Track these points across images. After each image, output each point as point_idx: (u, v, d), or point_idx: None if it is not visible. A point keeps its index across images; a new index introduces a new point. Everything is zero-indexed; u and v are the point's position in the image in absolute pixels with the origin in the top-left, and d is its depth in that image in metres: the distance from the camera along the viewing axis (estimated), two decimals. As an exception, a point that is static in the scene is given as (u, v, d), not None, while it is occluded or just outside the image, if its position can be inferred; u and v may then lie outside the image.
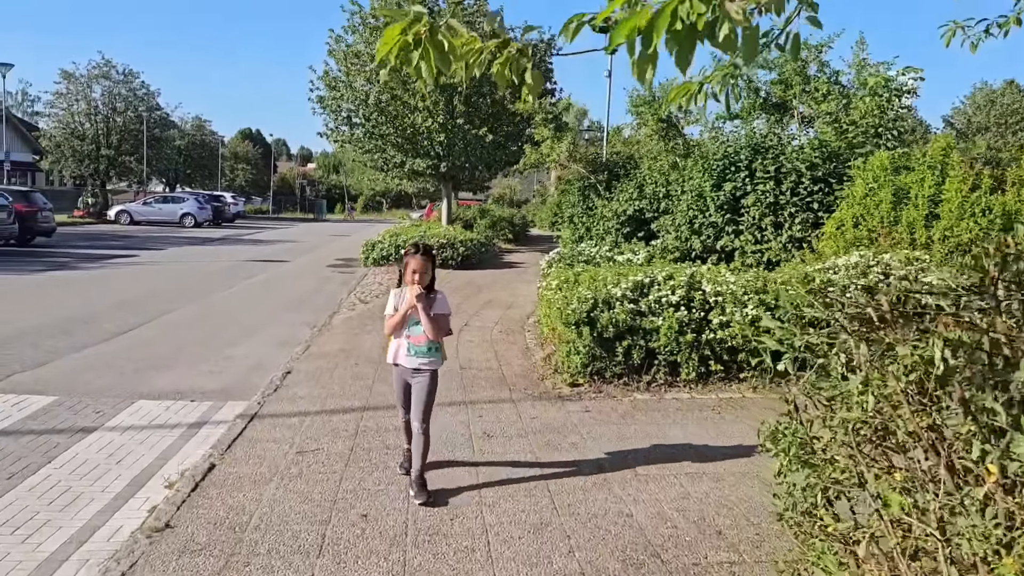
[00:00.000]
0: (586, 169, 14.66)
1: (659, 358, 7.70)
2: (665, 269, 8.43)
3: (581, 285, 8.39)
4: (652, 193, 13.08)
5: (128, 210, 39.33)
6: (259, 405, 6.89)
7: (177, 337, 10.23)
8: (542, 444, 6.01)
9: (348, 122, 22.06)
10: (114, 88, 47.70)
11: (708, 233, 11.51)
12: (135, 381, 7.83)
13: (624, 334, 7.66)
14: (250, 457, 5.57)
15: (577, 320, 7.61)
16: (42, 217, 23.86)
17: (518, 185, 54.72)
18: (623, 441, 6.16)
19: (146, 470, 5.45)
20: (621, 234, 13.19)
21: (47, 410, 6.74)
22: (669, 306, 7.78)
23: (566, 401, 7.27)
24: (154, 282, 16.21)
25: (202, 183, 57.83)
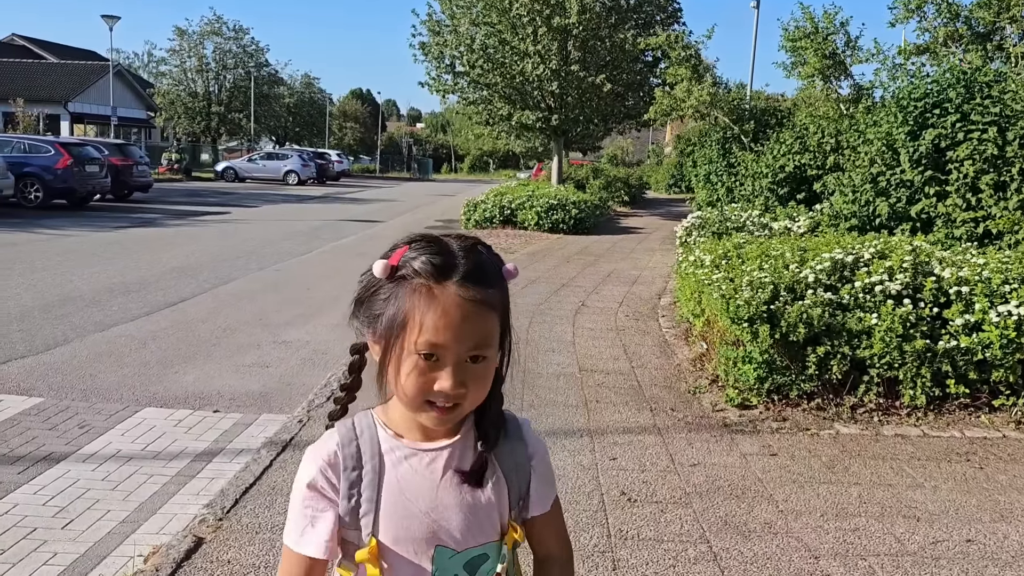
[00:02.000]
0: (729, 117, 12.08)
1: (870, 373, 5.30)
2: (873, 243, 5.96)
3: (750, 263, 6.02)
4: (817, 145, 10.44)
5: (233, 167, 38.72)
6: (300, 424, 4.91)
7: (229, 313, 8.42)
8: (716, 523, 3.77)
9: (451, 70, 20.00)
10: (224, 44, 47.36)
11: (899, 195, 8.85)
12: (154, 377, 5.99)
13: (819, 337, 5.29)
14: (259, 528, 3.57)
15: (751, 315, 5.27)
16: (138, 171, 22.93)
17: (631, 145, 51.62)
18: (846, 519, 3.85)
19: (94, 549, 3.50)
20: (775, 195, 10.64)
21: (15, 421, 4.93)
22: (887, 297, 5.34)
23: (736, 433, 4.99)
24: (231, 243, 14.66)
25: (310, 141, 57.23)
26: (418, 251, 1.15)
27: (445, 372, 1.12)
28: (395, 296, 1.13)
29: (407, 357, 1.12)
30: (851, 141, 9.88)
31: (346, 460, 1.22)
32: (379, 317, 1.16)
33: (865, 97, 11.59)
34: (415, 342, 1.11)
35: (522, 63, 18.50)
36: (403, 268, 1.14)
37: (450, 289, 1.12)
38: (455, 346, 1.11)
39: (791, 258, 5.89)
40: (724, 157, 12.30)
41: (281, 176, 37.74)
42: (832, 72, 11.63)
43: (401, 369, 1.14)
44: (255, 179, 37.81)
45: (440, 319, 1.10)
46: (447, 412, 1.17)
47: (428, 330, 1.10)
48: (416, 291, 1.12)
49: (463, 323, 1.11)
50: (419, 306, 1.11)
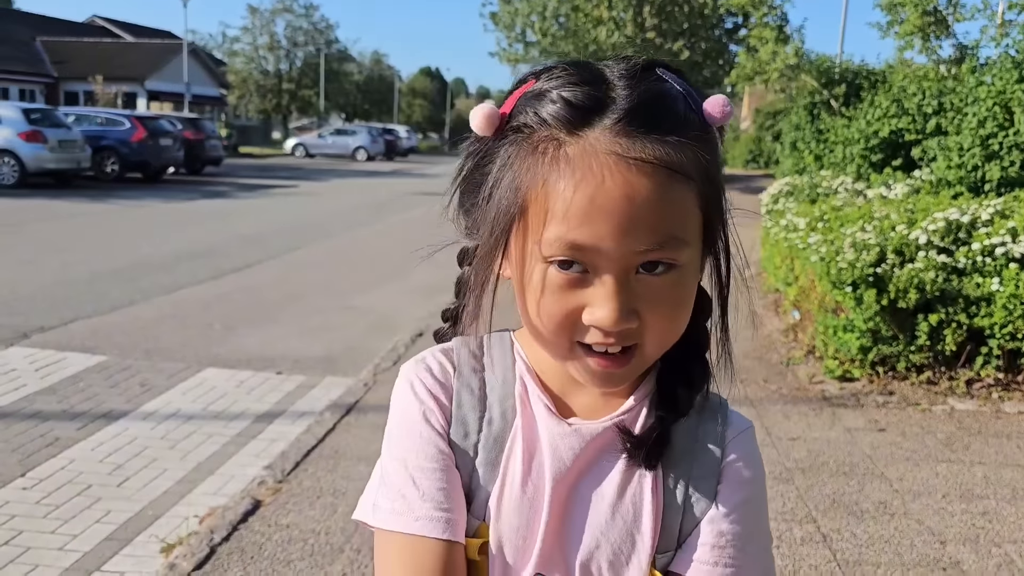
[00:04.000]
0: (817, 81, 11.39)
1: (990, 344, 4.76)
2: (993, 203, 5.38)
3: (851, 224, 5.51)
4: (916, 108, 9.72)
5: (304, 143, 39.02)
6: (365, 388, 4.64)
7: (295, 279, 8.24)
8: (824, 501, 3.36)
9: (522, 39, 19.54)
10: (295, 22, 47.76)
11: (1012, 158, 8.14)
12: (217, 339, 5.81)
13: (932, 304, 4.77)
14: (320, 492, 3.30)
15: (855, 279, 4.78)
16: (210, 145, 23.14)
17: (705, 122, 50.28)
18: (973, 501, 3.39)
19: (148, 509, 3.28)
20: (868, 162, 9.96)
21: (78, 378, 4.78)
22: (1009, 261, 4.79)
23: (837, 407, 4.53)
24: (299, 214, 14.60)
25: (379, 118, 57.46)
26: (553, 80, 0.68)
27: (600, 291, 0.66)
28: (506, 165, 0.68)
29: (532, 266, 0.67)
30: (956, 103, 9.16)
31: (462, 395, 0.77)
32: (485, 201, 0.70)
33: (969, 57, 10.78)
34: (542, 241, 0.65)
35: (596, 31, 17.93)
36: (518, 115, 0.68)
37: (595, 141, 0.64)
38: (615, 246, 0.64)
39: (898, 219, 5.36)
40: (812, 123, 11.61)
41: (350, 152, 37.86)
42: (933, 30, 10.84)
43: (526, 288, 0.69)
44: (325, 155, 38.04)
45: (583, 199, 0.63)
46: (614, 362, 0.69)
47: (562, 219, 0.64)
48: (539, 152, 0.66)
49: (624, 202, 0.63)
50: (545, 177, 0.65)
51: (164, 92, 38.77)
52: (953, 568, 2.86)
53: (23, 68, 36.14)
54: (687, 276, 0.69)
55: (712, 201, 0.69)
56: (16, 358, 5.09)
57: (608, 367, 0.69)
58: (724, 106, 0.69)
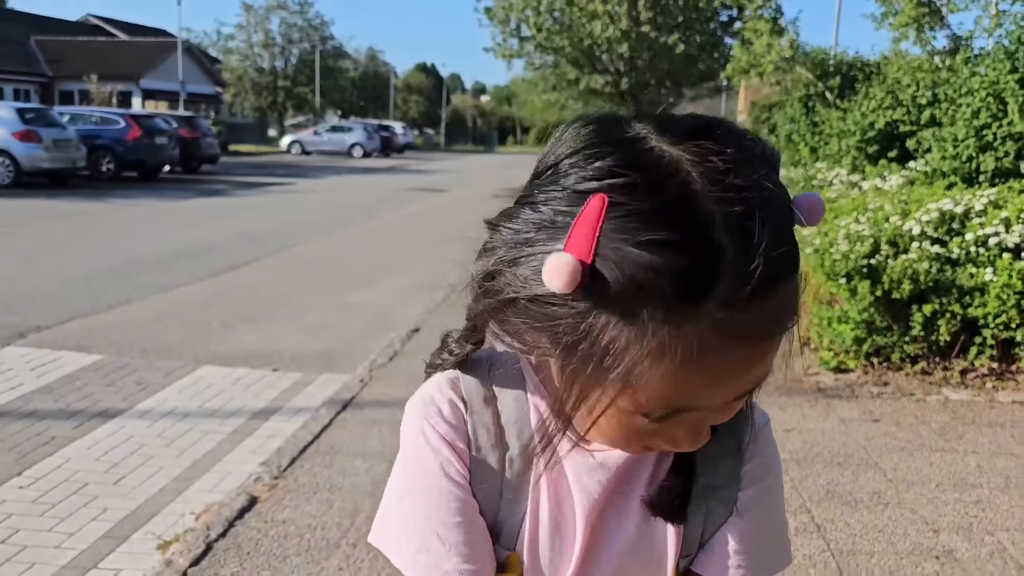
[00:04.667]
0: (813, 73, 11.38)
1: (983, 334, 4.78)
2: (986, 193, 5.40)
3: (845, 216, 5.53)
4: (911, 99, 9.71)
5: (300, 140, 39.02)
6: (361, 384, 4.65)
7: (292, 277, 8.24)
8: (818, 492, 3.37)
9: (517, 34, 19.52)
10: (290, 18, 47.68)
11: (1006, 149, 8.14)
12: (214, 336, 5.81)
13: (926, 294, 4.78)
14: (316, 488, 3.31)
15: (849, 271, 4.80)
16: (205, 144, 23.11)
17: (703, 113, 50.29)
18: (966, 490, 3.41)
19: (144, 507, 3.29)
20: (864, 154, 9.95)
21: (74, 377, 4.79)
22: (1003, 251, 4.80)
23: (832, 398, 4.55)
24: (296, 211, 14.62)
25: (375, 114, 57.39)
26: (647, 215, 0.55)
27: (686, 429, 0.63)
28: (601, 324, 0.57)
29: (611, 399, 0.60)
30: (950, 94, 9.16)
31: (479, 434, 0.73)
32: (562, 339, 0.59)
33: (963, 48, 10.78)
34: (641, 402, 0.59)
35: (591, 25, 17.93)
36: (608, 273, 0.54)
37: (715, 321, 0.55)
38: (713, 399, 0.61)
39: (892, 210, 5.37)
40: (807, 116, 11.60)
41: (346, 149, 37.84)
42: (927, 21, 10.84)
43: (596, 414, 0.62)
44: (321, 152, 38.02)
45: (690, 373, 0.56)
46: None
47: (670, 388, 0.58)
48: (646, 320, 0.55)
49: (739, 376, 0.59)
50: (656, 356, 0.56)
51: (159, 90, 38.71)
52: (946, 556, 2.88)
53: (17, 68, 36.07)
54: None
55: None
56: (12, 357, 5.10)
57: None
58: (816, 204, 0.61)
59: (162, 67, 39.05)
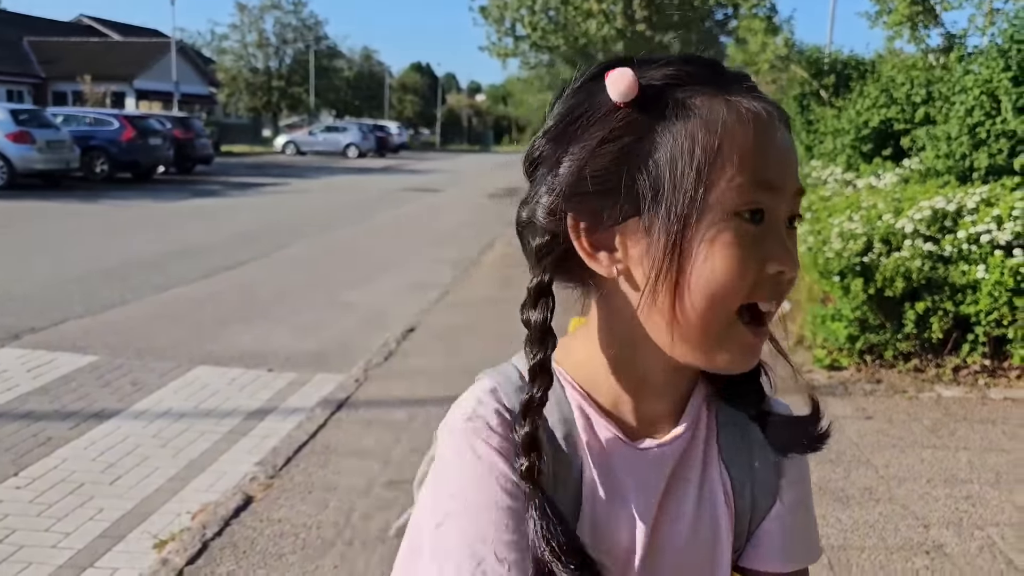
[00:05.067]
0: (807, 71, 11.41)
1: (976, 331, 4.81)
2: (978, 190, 5.43)
3: (838, 214, 5.55)
4: (905, 97, 9.75)
5: (294, 140, 38.94)
6: (356, 384, 4.66)
7: (288, 276, 8.25)
8: (812, 488, 3.39)
9: (512, 33, 19.52)
10: (284, 18, 47.60)
11: (999, 146, 8.17)
12: (210, 336, 5.82)
13: (919, 292, 4.81)
14: (311, 487, 3.32)
15: (842, 269, 4.82)
16: (199, 144, 23.07)
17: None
18: (957, 486, 3.44)
19: (140, 506, 3.30)
20: (859, 152, 9.98)
21: (70, 378, 4.79)
22: (995, 248, 4.83)
23: (826, 396, 4.57)
24: (291, 212, 14.61)
25: (370, 114, 57.34)
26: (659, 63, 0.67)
27: (777, 239, 0.66)
28: (664, 129, 0.64)
29: (715, 226, 0.64)
30: (944, 92, 9.20)
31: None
32: (631, 176, 0.65)
33: (957, 46, 10.83)
34: (733, 188, 0.63)
35: (586, 24, 17.94)
36: (655, 79, 0.66)
37: (751, 98, 0.67)
38: (787, 185, 0.66)
39: (885, 208, 5.40)
40: (802, 113, 11.63)
41: (341, 149, 37.79)
42: (921, 19, 10.88)
43: (701, 256, 0.64)
44: (316, 153, 37.96)
45: (768, 141, 0.65)
46: (761, 330, 0.68)
47: (755, 163, 0.64)
48: (706, 106, 0.65)
49: (789, 146, 0.68)
50: (728, 127, 0.64)
51: (153, 91, 38.65)
52: (936, 551, 2.90)
53: (10, 68, 35.98)
54: None
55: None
56: (8, 359, 5.10)
57: (758, 337, 0.68)
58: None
59: (156, 68, 38.98)
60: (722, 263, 0.63)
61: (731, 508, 0.76)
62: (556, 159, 0.67)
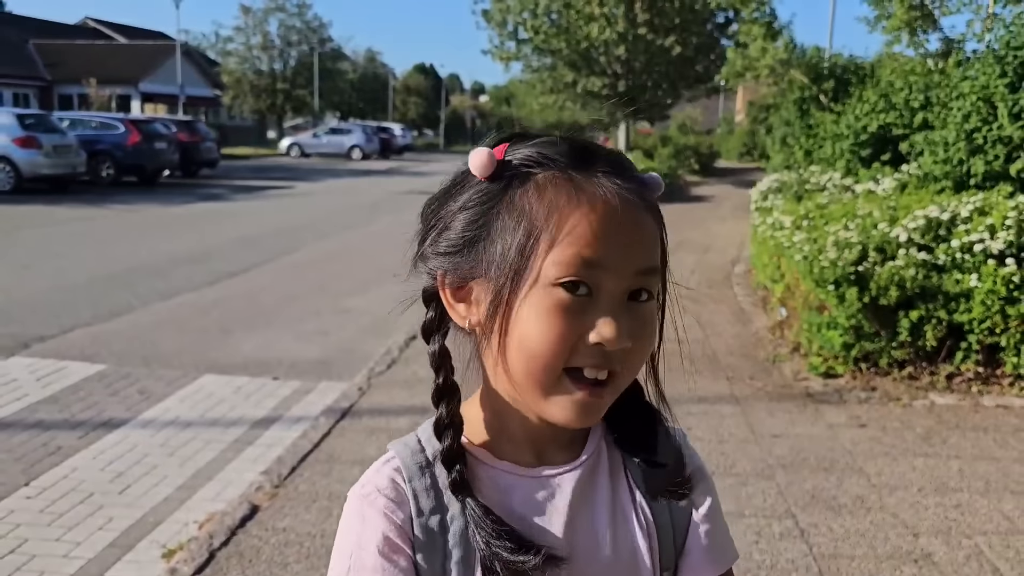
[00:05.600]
0: (807, 76, 11.47)
1: (969, 339, 4.88)
2: (972, 200, 5.49)
3: (835, 223, 5.63)
4: (904, 102, 9.81)
5: (299, 143, 39.04)
6: (360, 392, 4.75)
7: (291, 282, 8.35)
8: (803, 497, 3.47)
9: (515, 36, 19.59)
10: (288, 20, 47.68)
11: (996, 152, 8.23)
12: (215, 344, 5.91)
13: (913, 300, 4.88)
14: (315, 496, 3.41)
15: (838, 277, 4.90)
16: (204, 148, 23.19)
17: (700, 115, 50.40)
18: (947, 495, 3.51)
19: (149, 515, 3.39)
20: (857, 157, 10.05)
21: (79, 387, 4.89)
22: (988, 257, 4.90)
23: (820, 403, 4.65)
24: (295, 215, 14.70)
25: (374, 116, 57.44)
26: (531, 142, 0.75)
27: (604, 312, 0.70)
28: (507, 202, 0.72)
29: (537, 296, 0.69)
30: (942, 97, 9.25)
31: (420, 499, 0.76)
32: (474, 245, 0.73)
33: (956, 51, 10.89)
34: (552, 264, 0.69)
35: (587, 27, 18.01)
36: (516, 159, 0.74)
37: (601, 178, 0.72)
38: (620, 264, 0.70)
39: (880, 217, 5.47)
40: (802, 118, 11.69)
41: (345, 151, 37.89)
42: (920, 24, 10.93)
43: (522, 320, 0.70)
44: (320, 155, 38.07)
45: (597, 220, 0.69)
46: (598, 391, 0.72)
47: (576, 239, 0.69)
48: (546, 186, 0.71)
49: (630, 227, 0.71)
50: (557, 205, 0.70)
51: (158, 94, 38.80)
52: (924, 560, 2.98)
53: (16, 71, 36.16)
54: (656, 309, 0.76)
55: (664, 255, 0.77)
56: (17, 368, 5.19)
57: (591, 396, 0.72)
58: (659, 179, 0.78)
59: (161, 70, 39.13)
60: (538, 328, 0.69)
61: (648, 527, 0.81)
62: (437, 217, 0.78)
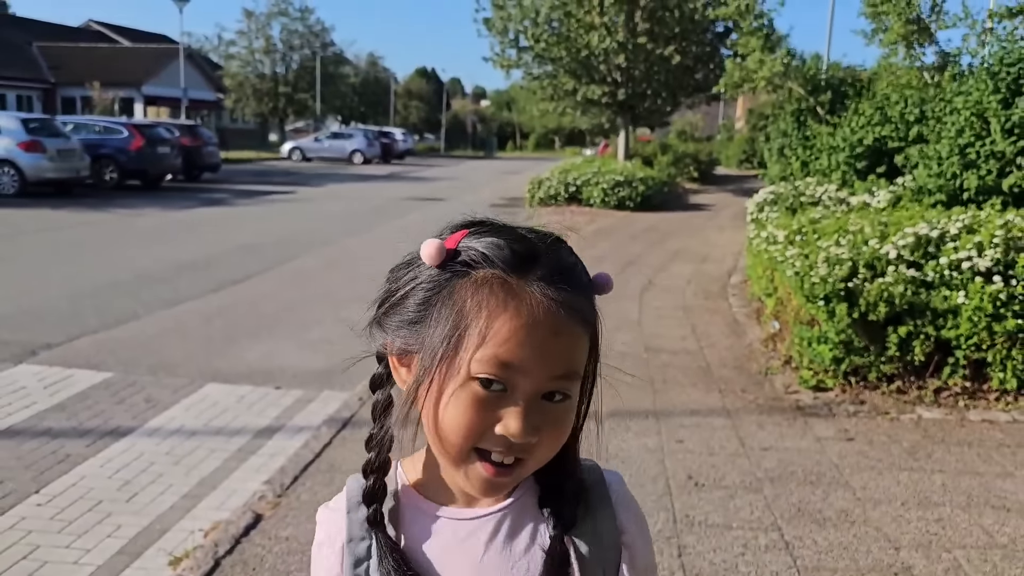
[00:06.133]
0: (804, 88, 11.60)
1: (956, 354, 4.99)
2: (961, 217, 5.61)
3: (826, 238, 5.74)
4: (899, 116, 9.94)
5: (300, 147, 39.24)
6: (360, 402, 4.86)
7: (294, 290, 8.47)
8: (789, 510, 3.58)
9: (516, 44, 19.74)
10: (291, 25, 47.93)
11: (989, 167, 8.36)
12: (219, 352, 6.03)
13: (901, 316, 5.00)
14: (318, 505, 3.49)
15: (827, 293, 5.01)
16: (207, 152, 23.34)
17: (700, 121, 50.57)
18: (930, 509, 3.62)
19: (156, 523, 3.50)
20: (853, 169, 10.18)
21: (86, 395, 5.00)
22: (975, 275, 5.01)
23: (810, 416, 4.76)
24: (297, 221, 14.83)
25: (375, 120, 57.63)
26: (484, 235, 0.82)
27: (513, 409, 0.78)
28: (447, 292, 0.80)
29: (457, 383, 0.79)
30: (936, 111, 9.38)
31: (352, 527, 0.91)
32: (417, 323, 0.82)
33: (951, 64, 11.02)
34: (473, 359, 0.77)
35: (588, 36, 18.15)
36: (464, 253, 0.81)
37: (534, 286, 0.78)
38: (535, 369, 0.78)
39: (871, 233, 5.59)
40: (799, 129, 11.82)
41: (347, 155, 38.06)
42: (916, 38, 11.05)
43: (443, 401, 0.80)
44: (321, 159, 38.24)
45: (519, 327, 0.77)
46: (504, 472, 0.82)
47: (498, 341, 0.76)
48: (483, 285, 0.79)
49: (550, 337, 0.78)
50: (487, 306, 0.77)
51: (161, 97, 38.97)
52: (904, 573, 3.09)
53: (20, 73, 36.34)
54: (573, 405, 0.84)
55: (595, 354, 0.86)
56: (26, 375, 5.31)
57: (496, 475, 0.81)
58: (609, 281, 0.87)
59: (164, 73, 39.30)
60: (452, 415, 0.79)
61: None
62: (396, 287, 0.86)
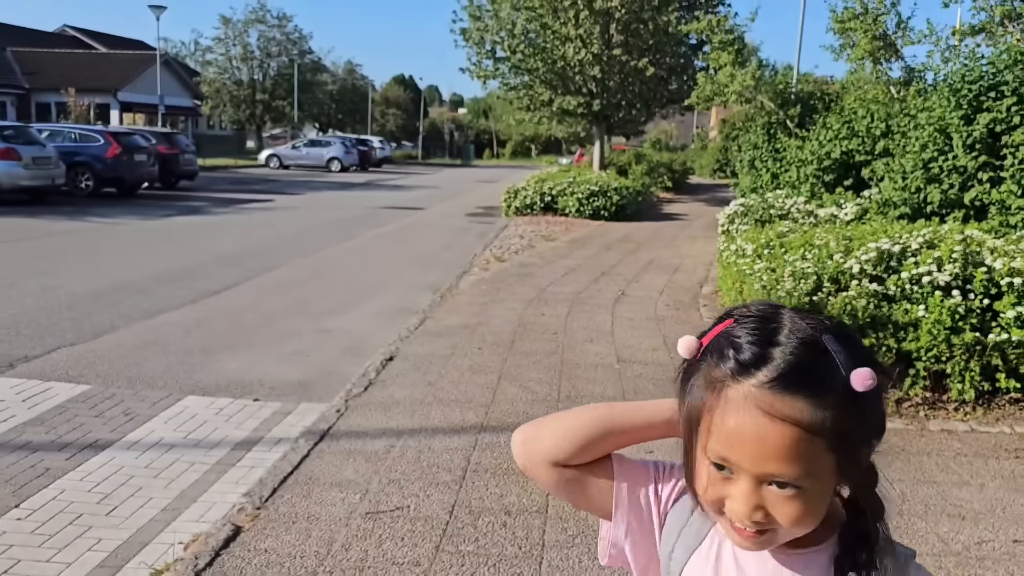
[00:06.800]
0: (774, 102, 11.84)
1: (917, 366, 5.16)
2: (922, 233, 5.80)
3: (793, 252, 5.91)
4: (866, 130, 10.19)
5: (278, 154, 39.18)
6: (337, 414, 4.94)
7: (272, 301, 8.52)
8: (754, 519, 3.71)
9: (492, 55, 19.90)
10: (268, 32, 47.84)
11: (952, 181, 8.61)
12: (197, 365, 6.08)
13: (864, 329, 5.16)
14: (295, 518, 3.60)
15: (793, 307, 5.16)
16: (184, 160, 23.29)
17: (675, 130, 51.04)
18: (888, 518, 3.76)
19: (136, 536, 3.57)
20: (821, 182, 10.41)
21: (64, 408, 5.05)
22: (935, 289, 5.19)
23: (776, 427, 4.90)
24: (274, 231, 14.84)
25: (353, 127, 57.59)
26: (739, 329, 0.91)
27: (737, 491, 0.89)
28: (698, 385, 0.91)
29: (701, 458, 0.92)
30: (902, 126, 9.63)
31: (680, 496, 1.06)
32: (682, 398, 0.94)
33: (917, 80, 11.30)
34: (705, 445, 0.90)
35: (563, 48, 18.37)
36: (710, 351, 0.91)
37: (747, 390, 0.86)
38: (748, 466, 0.87)
39: (836, 248, 5.76)
40: (769, 142, 12.06)
41: (324, 163, 38.05)
42: (883, 54, 11.33)
43: (696, 468, 0.93)
44: (299, 166, 38.19)
45: (730, 429, 0.87)
46: (752, 536, 0.91)
47: (717, 437, 0.88)
48: (714, 383, 0.89)
49: (757, 442, 0.85)
50: (712, 404, 0.89)
51: (137, 103, 38.76)
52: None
53: (-7, 79, 36.01)
54: (812, 495, 0.88)
55: (844, 449, 0.87)
56: (4, 388, 5.34)
57: (747, 538, 0.91)
58: (866, 379, 0.85)
59: (140, 80, 39.11)
60: (699, 483, 0.93)
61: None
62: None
